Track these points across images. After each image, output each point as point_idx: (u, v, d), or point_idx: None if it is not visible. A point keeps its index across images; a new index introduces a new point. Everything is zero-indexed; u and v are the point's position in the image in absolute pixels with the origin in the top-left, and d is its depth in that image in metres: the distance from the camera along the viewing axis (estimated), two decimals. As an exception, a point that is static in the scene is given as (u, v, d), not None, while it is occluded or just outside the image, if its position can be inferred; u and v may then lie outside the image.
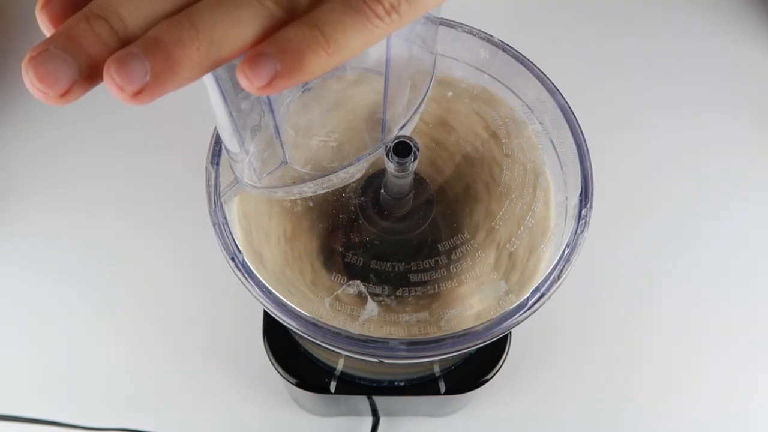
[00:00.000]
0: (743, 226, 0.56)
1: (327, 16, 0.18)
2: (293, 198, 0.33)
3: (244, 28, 0.18)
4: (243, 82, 0.17)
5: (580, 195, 0.31)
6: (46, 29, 0.18)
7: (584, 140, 0.31)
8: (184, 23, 0.17)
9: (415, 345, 0.28)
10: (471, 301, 0.31)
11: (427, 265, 0.33)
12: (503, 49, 0.33)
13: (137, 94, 0.17)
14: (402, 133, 0.28)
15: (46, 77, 0.16)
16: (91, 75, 0.17)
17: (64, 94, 0.17)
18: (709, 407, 0.50)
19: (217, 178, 0.30)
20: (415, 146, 0.27)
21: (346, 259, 0.33)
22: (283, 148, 0.27)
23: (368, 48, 0.19)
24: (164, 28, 0.17)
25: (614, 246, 0.55)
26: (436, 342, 0.28)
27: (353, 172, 0.29)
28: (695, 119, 0.61)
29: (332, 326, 0.28)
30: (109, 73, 0.16)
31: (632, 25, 0.65)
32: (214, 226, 0.29)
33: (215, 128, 0.30)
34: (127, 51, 0.17)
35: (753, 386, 0.50)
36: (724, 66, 0.63)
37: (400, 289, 0.32)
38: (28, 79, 0.17)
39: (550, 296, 0.29)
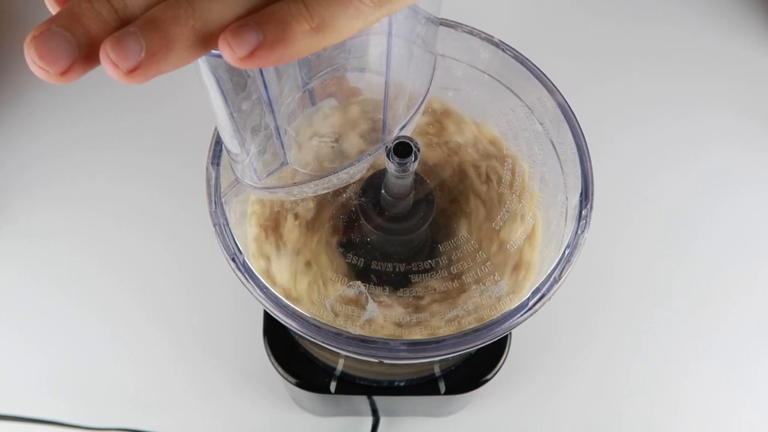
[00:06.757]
0: (743, 226, 0.56)
1: None
2: (294, 198, 0.33)
3: (238, 6, 0.18)
4: (225, 52, 0.17)
5: (581, 195, 0.31)
6: (51, 6, 0.18)
7: (584, 140, 0.31)
8: (182, 2, 0.17)
9: (415, 346, 0.28)
10: (471, 302, 0.31)
11: (428, 266, 0.33)
12: (503, 50, 0.33)
13: (132, 71, 0.17)
14: (402, 133, 0.28)
15: (47, 55, 0.17)
16: (91, 54, 0.17)
17: (65, 73, 0.17)
18: (707, 408, 0.50)
19: (217, 178, 0.30)
20: (416, 146, 0.27)
21: (346, 260, 0.33)
22: (283, 148, 0.27)
23: (358, 31, 0.19)
24: (162, 8, 0.17)
25: (614, 246, 0.55)
26: (437, 343, 0.28)
27: (354, 173, 0.29)
28: (696, 118, 0.61)
29: (333, 327, 0.28)
30: (105, 50, 0.17)
31: (632, 25, 0.65)
32: (214, 226, 0.29)
33: (216, 129, 0.30)
34: (124, 30, 0.17)
35: (751, 387, 0.50)
36: (724, 65, 0.63)
37: (401, 289, 0.32)
38: (30, 57, 0.17)
39: (550, 297, 0.29)
